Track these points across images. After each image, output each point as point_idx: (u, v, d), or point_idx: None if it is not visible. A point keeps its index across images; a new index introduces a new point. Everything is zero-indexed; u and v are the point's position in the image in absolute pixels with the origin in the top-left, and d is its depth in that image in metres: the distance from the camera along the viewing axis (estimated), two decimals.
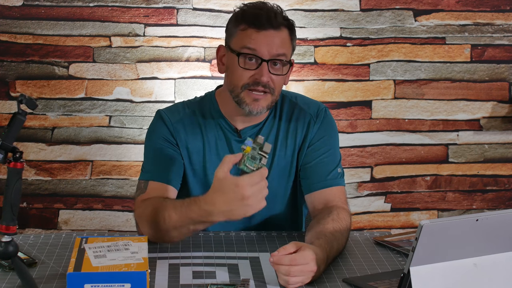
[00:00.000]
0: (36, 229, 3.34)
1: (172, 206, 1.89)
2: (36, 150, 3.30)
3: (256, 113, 2.03)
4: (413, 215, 3.48)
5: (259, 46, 1.99)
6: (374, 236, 2.07)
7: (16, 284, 1.69)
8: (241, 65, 2.01)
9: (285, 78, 2.06)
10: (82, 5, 3.24)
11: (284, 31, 2.02)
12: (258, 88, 2.00)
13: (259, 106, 2.02)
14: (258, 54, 1.99)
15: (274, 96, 2.04)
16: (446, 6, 3.36)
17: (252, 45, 1.99)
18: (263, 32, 1.99)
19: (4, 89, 3.26)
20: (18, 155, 1.69)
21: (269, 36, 1.99)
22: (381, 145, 3.43)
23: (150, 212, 1.94)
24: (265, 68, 1.99)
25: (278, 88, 2.04)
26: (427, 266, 1.52)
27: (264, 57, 1.99)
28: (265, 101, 2.02)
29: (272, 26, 1.99)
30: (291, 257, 1.69)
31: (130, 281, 1.59)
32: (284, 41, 2.02)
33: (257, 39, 1.99)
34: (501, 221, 1.56)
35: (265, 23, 1.99)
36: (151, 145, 2.12)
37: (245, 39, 2.00)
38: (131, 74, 3.29)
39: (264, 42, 1.99)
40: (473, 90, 3.43)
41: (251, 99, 2.01)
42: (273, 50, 1.99)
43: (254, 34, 1.99)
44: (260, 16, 1.99)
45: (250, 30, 2.00)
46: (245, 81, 2.01)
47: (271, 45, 1.99)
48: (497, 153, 3.47)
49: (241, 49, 2.00)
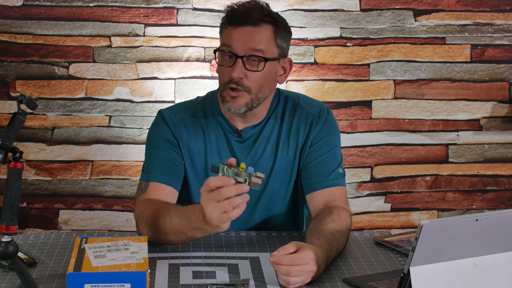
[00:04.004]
0: (36, 229, 3.34)
1: (174, 210, 1.89)
2: (36, 150, 3.30)
3: (234, 111, 2.02)
4: (413, 215, 3.48)
5: (234, 42, 1.99)
6: (374, 236, 2.07)
7: (16, 284, 1.69)
8: (219, 62, 2.02)
9: (266, 75, 2.02)
10: (82, 5, 3.24)
11: (266, 28, 2.00)
12: (232, 85, 1.99)
13: (236, 104, 2.01)
14: (233, 50, 1.99)
15: (253, 95, 2.01)
16: (446, 6, 3.36)
17: (228, 41, 2.00)
18: (239, 28, 1.99)
19: (4, 89, 3.26)
20: (18, 155, 1.69)
21: (245, 32, 1.99)
22: (381, 145, 3.43)
23: (150, 213, 1.93)
24: (238, 64, 1.98)
25: (256, 85, 2.01)
26: (427, 266, 1.52)
27: (238, 52, 1.98)
28: (242, 99, 2.00)
29: (249, 22, 1.99)
30: (291, 257, 1.69)
31: (130, 281, 1.59)
32: (264, 38, 2.00)
33: (234, 35, 1.99)
34: (501, 221, 1.56)
35: (242, 19, 1.99)
36: (152, 145, 2.12)
37: (224, 36, 2.02)
38: (131, 74, 3.29)
39: (239, 38, 1.98)
40: (473, 90, 3.43)
41: (230, 97, 2.01)
42: (248, 45, 1.98)
43: (231, 31, 2.00)
44: (238, 13, 2.00)
45: (229, 28, 2.01)
46: (224, 79, 2.01)
47: (246, 41, 1.98)
48: (497, 153, 3.47)
49: (220, 47, 2.02)
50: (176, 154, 2.09)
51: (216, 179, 1.68)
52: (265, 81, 2.03)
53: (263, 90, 2.03)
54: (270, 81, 2.05)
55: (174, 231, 1.87)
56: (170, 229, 1.87)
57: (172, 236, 1.89)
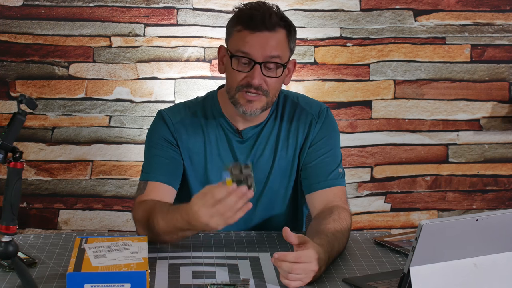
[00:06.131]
0: (36, 229, 3.34)
1: (159, 212, 1.89)
2: (36, 150, 3.30)
3: (250, 114, 2.02)
4: (413, 215, 3.48)
5: (252, 49, 1.98)
6: (374, 236, 2.07)
7: (16, 284, 1.69)
8: (234, 67, 2.00)
9: (281, 79, 2.04)
10: (82, 5, 3.24)
11: (280, 32, 2.00)
12: (251, 89, 1.99)
13: (252, 108, 2.01)
14: (251, 56, 1.98)
15: (269, 98, 2.02)
16: (446, 6, 3.36)
17: (245, 47, 1.98)
18: (257, 33, 1.98)
19: (4, 89, 3.26)
20: (18, 155, 1.69)
21: (263, 38, 1.98)
22: (381, 145, 3.42)
23: (145, 215, 1.94)
24: (257, 71, 1.98)
25: (273, 90, 2.03)
26: (427, 266, 1.52)
27: (257, 59, 1.98)
28: (259, 102, 2.01)
29: (266, 27, 1.98)
30: (296, 254, 1.69)
31: (130, 281, 1.59)
32: (280, 43, 2.00)
33: (251, 41, 1.98)
34: (501, 221, 1.56)
35: (259, 25, 1.97)
36: (151, 145, 2.12)
37: (239, 41, 2.00)
38: (131, 74, 3.29)
39: (258, 44, 1.98)
40: (473, 90, 3.43)
41: (245, 100, 2.01)
42: (266, 52, 1.98)
43: (248, 36, 1.98)
44: (254, 17, 1.98)
45: (245, 32, 1.99)
46: (239, 83, 2.00)
47: (264, 47, 1.98)
48: (497, 153, 3.47)
49: (235, 52, 2.00)
50: (175, 154, 2.09)
51: (221, 189, 1.69)
52: (279, 85, 2.05)
53: (277, 93, 2.06)
54: (281, 84, 2.07)
55: (164, 232, 1.88)
56: (161, 230, 1.89)
57: (165, 236, 1.90)
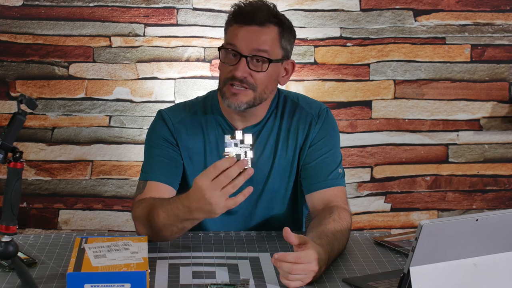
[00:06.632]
0: (36, 229, 3.34)
1: (160, 204, 1.90)
2: (36, 150, 3.30)
3: (235, 108, 2.02)
4: (413, 215, 3.48)
5: (240, 41, 1.99)
6: (374, 236, 2.07)
7: (16, 284, 1.69)
8: (222, 60, 2.03)
9: (270, 76, 2.03)
10: (82, 5, 3.24)
11: (271, 28, 2.01)
12: (236, 82, 2.00)
13: (237, 100, 2.01)
14: (237, 49, 2.00)
15: (257, 93, 2.02)
16: (446, 6, 3.36)
17: (233, 40, 2.01)
18: (245, 27, 2.00)
19: (4, 89, 3.26)
20: (18, 155, 1.69)
21: (251, 32, 2.00)
22: (381, 145, 3.42)
23: (145, 213, 1.94)
24: (242, 63, 1.99)
25: (262, 85, 2.02)
26: (427, 266, 1.52)
27: (243, 52, 1.99)
28: (245, 96, 2.01)
29: (255, 22, 2.00)
30: (296, 254, 1.69)
31: (130, 281, 1.59)
32: (269, 39, 2.01)
33: (239, 34, 2.00)
34: (501, 221, 1.56)
35: (249, 19, 2.00)
36: (150, 145, 2.12)
37: (230, 34, 2.03)
38: (131, 74, 3.29)
39: (245, 37, 1.99)
40: (473, 90, 3.43)
41: (230, 93, 2.01)
42: (253, 45, 1.99)
43: (237, 29, 2.01)
44: (246, 12, 2.01)
45: (235, 26, 2.02)
46: (226, 75, 2.02)
47: (251, 40, 1.99)
48: (497, 153, 3.47)
49: (225, 45, 2.03)
50: (174, 153, 2.09)
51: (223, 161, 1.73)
52: (268, 82, 2.04)
53: (267, 90, 2.05)
54: (272, 82, 2.06)
55: (164, 225, 1.88)
56: (160, 224, 1.88)
57: (165, 230, 1.90)
